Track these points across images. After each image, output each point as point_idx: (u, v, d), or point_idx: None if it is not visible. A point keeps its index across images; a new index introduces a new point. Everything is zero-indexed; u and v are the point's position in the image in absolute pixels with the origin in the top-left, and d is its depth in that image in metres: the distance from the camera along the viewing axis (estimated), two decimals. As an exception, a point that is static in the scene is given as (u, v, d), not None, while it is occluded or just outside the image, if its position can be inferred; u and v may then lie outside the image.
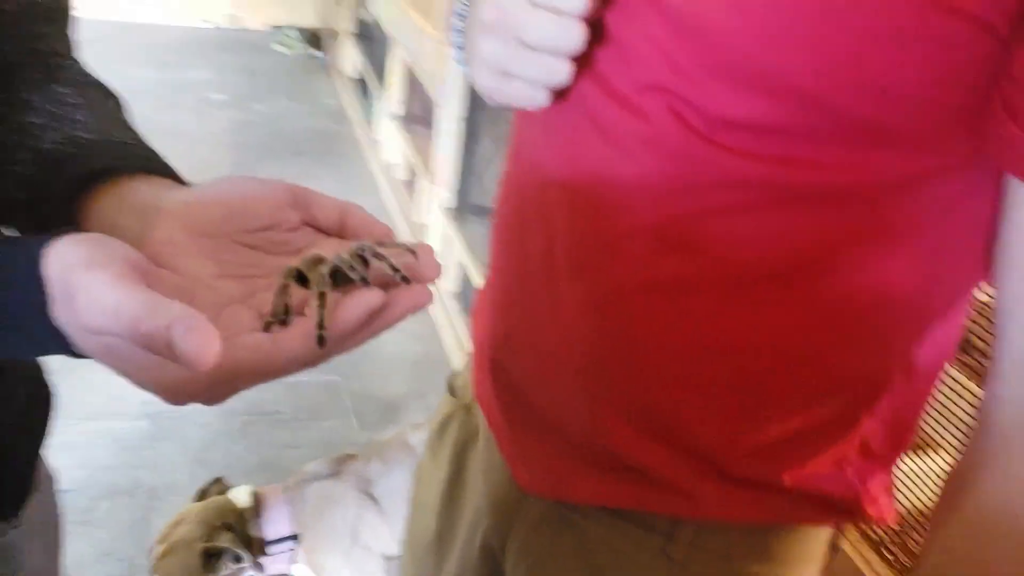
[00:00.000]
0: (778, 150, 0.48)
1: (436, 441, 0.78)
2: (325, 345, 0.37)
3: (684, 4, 0.47)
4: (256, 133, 3.67)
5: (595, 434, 0.60)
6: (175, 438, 1.92)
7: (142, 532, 1.67)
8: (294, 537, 1.43)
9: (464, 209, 2.49)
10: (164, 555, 1.35)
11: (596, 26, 0.50)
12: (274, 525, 1.43)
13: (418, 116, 3.08)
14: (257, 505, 1.44)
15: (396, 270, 0.39)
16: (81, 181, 0.46)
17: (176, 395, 0.38)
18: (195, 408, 1.57)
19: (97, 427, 1.91)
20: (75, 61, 0.58)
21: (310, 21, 5.16)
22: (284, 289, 0.39)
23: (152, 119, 3.62)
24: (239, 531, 1.39)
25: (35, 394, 0.70)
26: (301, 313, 0.40)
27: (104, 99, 0.55)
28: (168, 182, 0.48)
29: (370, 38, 3.78)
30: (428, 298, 0.40)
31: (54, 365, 0.76)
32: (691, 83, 0.48)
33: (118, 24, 4.71)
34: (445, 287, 2.46)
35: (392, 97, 3.18)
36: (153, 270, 0.39)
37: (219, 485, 1.51)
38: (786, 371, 0.55)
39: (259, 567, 1.41)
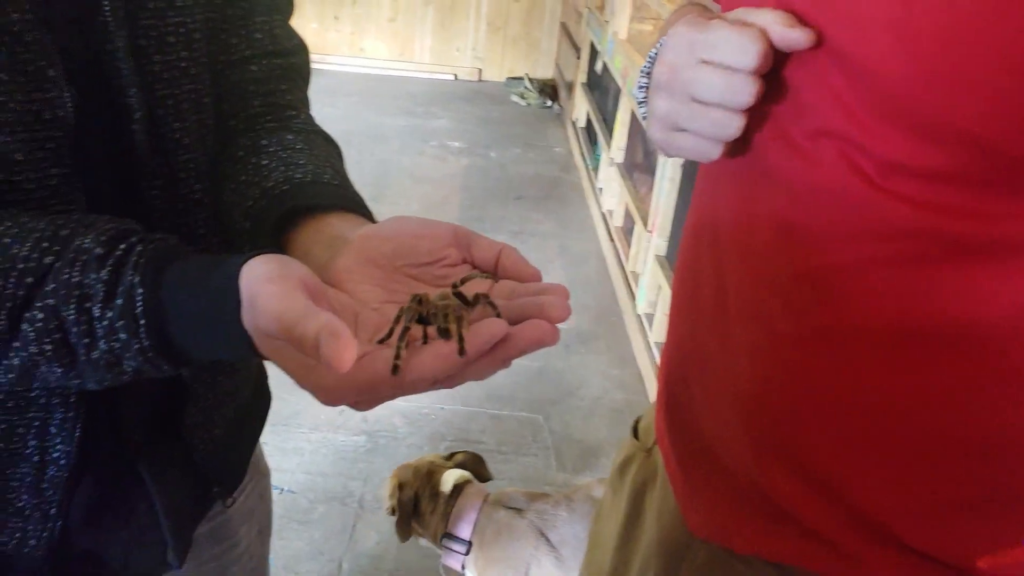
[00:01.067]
0: (949, 198, 0.45)
1: (617, 481, 0.78)
2: (465, 355, 0.40)
3: (857, 49, 0.45)
4: (486, 177, 3.89)
5: (759, 482, 0.58)
6: (387, 455, 2.05)
7: (350, 537, 1.80)
8: (469, 544, 1.50)
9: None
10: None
11: (767, 74, 0.49)
12: (460, 523, 1.51)
13: (640, 164, 3.10)
14: (454, 496, 1.53)
15: (494, 305, 0.44)
16: (289, 215, 0.53)
17: (329, 396, 0.42)
18: (407, 431, 1.68)
19: (321, 438, 2.09)
20: (306, 113, 0.67)
21: (547, 73, 5.41)
22: (403, 315, 0.43)
23: (396, 162, 3.92)
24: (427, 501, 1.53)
25: (256, 394, 0.79)
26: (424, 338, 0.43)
27: (324, 146, 0.63)
28: (358, 219, 0.54)
29: (601, 89, 3.89)
30: (553, 335, 0.42)
31: (288, 379, 0.85)
32: (864, 129, 0.46)
33: (376, 77, 5.25)
34: (652, 338, 2.42)
35: (615, 145, 3.23)
36: (324, 289, 0.44)
37: (434, 465, 1.61)
38: (957, 431, 0.50)
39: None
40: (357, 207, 0.55)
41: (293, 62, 0.67)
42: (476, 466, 1.62)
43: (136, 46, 0.54)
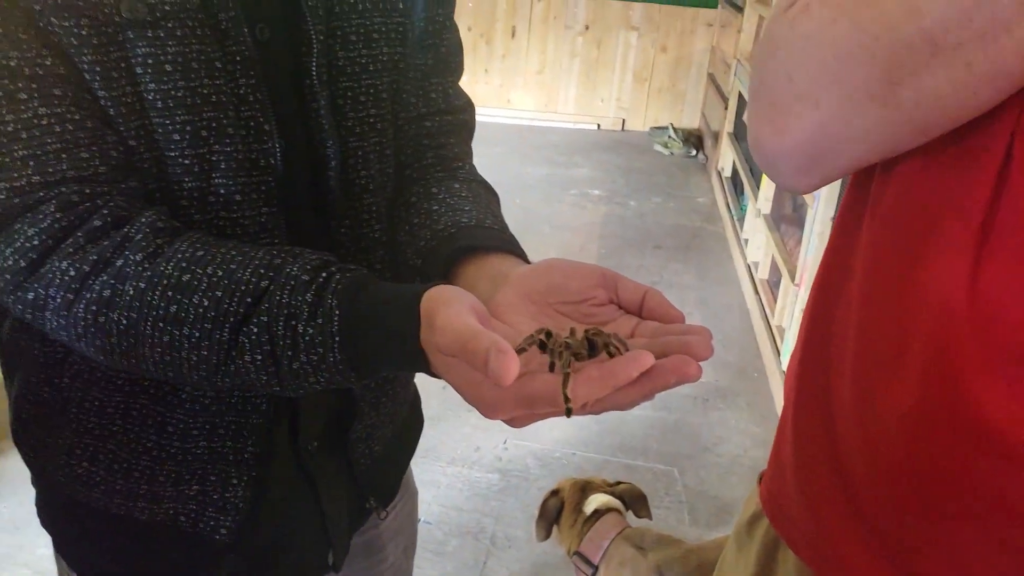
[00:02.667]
0: None
1: (744, 536, 0.75)
2: (568, 406, 0.43)
3: None
4: (625, 226, 3.91)
5: (883, 552, 0.55)
6: (518, 495, 2.08)
7: (480, 573, 1.83)
8: (595, 568, 1.52)
9: (827, 313, 2.36)
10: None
11: None
12: (592, 546, 1.53)
13: (788, 216, 3.02)
14: (593, 519, 1.56)
15: (612, 353, 0.46)
16: (457, 254, 0.60)
17: (491, 409, 0.47)
18: (539, 472, 1.71)
19: (457, 472, 2.15)
20: (470, 164, 0.75)
21: (692, 123, 5.40)
22: (532, 339, 0.47)
23: (537, 210, 4.00)
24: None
25: (412, 416, 0.85)
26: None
27: (485, 194, 0.71)
28: (515, 259, 0.59)
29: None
30: (696, 371, 0.44)
31: (431, 412, 0.91)
32: None
33: (522, 127, 5.42)
34: (797, 392, 2.33)
35: (763, 195, 3.17)
36: (489, 318, 0.49)
37: (592, 484, 1.66)
38: None
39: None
40: (515, 249, 0.61)
41: (462, 119, 0.74)
42: (635, 502, 1.64)
43: (335, 104, 0.62)
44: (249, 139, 0.57)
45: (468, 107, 0.76)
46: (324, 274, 0.52)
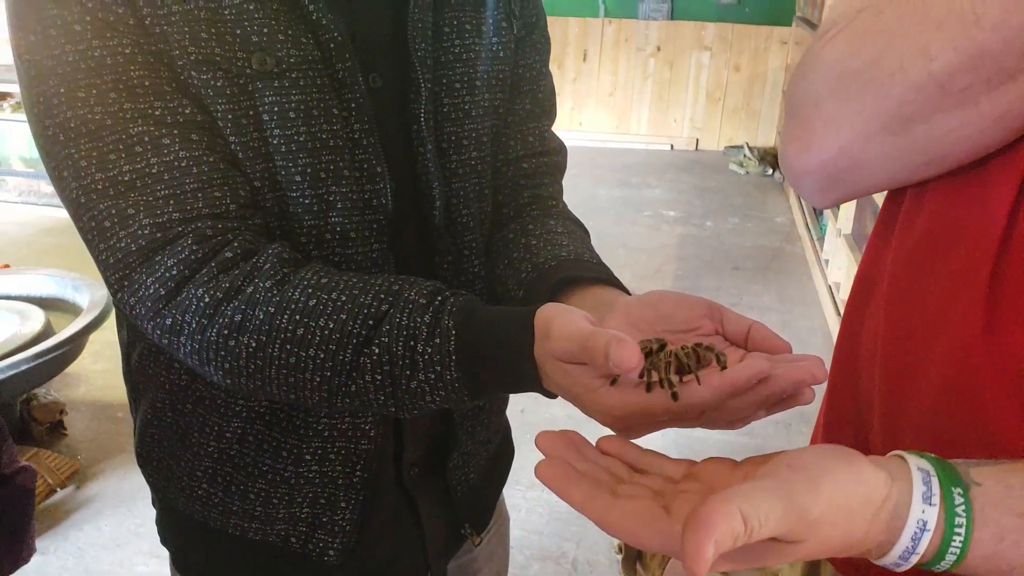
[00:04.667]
0: None
1: None
2: (677, 399, 0.46)
3: None
4: (702, 248, 3.87)
5: None
6: (599, 520, 2.07)
7: (561, 599, 1.83)
8: None
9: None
10: None
11: None
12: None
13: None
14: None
15: (723, 364, 0.47)
16: (560, 285, 0.62)
17: (609, 417, 0.48)
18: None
19: (537, 496, 2.15)
20: (563, 203, 0.78)
21: (767, 141, 5.32)
22: (648, 343, 0.48)
23: (611, 232, 3.99)
24: None
25: (504, 443, 0.87)
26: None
27: (578, 230, 0.74)
28: (615, 290, 0.62)
29: (826, 158, 3.76)
30: (815, 378, 0.45)
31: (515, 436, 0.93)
32: None
33: (594, 149, 5.44)
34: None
35: (843, 214, 3.10)
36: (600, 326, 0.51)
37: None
38: None
39: None
40: (615, 281, 0.63)
41: (556, 160, 0.77)
42: None
43: (440, 148, 0.66)
44: (363, 180, 0.61)
45: (561, 149, 0.79)
46: (439, 298, 0.56)
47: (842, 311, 2.70)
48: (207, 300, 0.55)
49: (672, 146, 5.51)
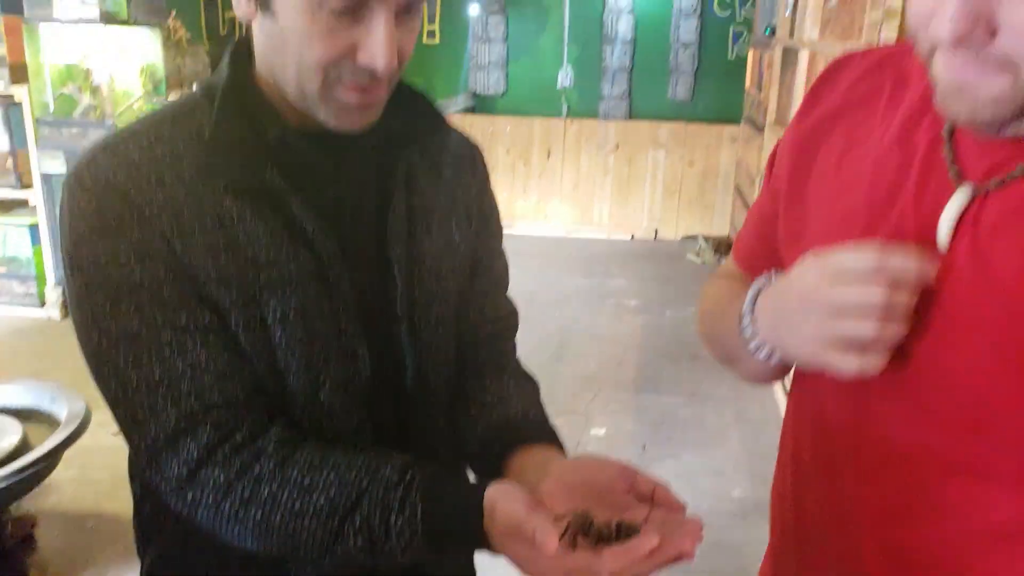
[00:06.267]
0: None
1: None
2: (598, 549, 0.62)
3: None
4: (661, 337, 4.03)
5: None
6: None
7: None
8: None
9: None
10: None
11: None
12: None
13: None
14: None
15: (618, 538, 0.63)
16: (508, 447, 0.77)
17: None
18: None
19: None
20: (515, 359, 0.92)
21: (722, 231, 5.58)
22: (577, 520, 0.64)
23: (576, 320, 4.08)
24: None
25: (466, 572, 0.98)
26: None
27: (527, 384, 0.88)
28: (556, 451, 0.77)
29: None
30: (688, 549, 0.61)
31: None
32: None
33: (560, 239, 5.65)
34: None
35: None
36: (536, 504, 0.66)
37: None
38: None
39: None
40: (555, 439, 0.78)
41: (509, 323, 0.92)
42: None
43: (412, 328, 0.79)
44: (347, 362, 0.74)
45: (513, 313, 0.93)
46: (408, 475, 0.69)
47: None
48: (222, 479, 0.68)
49: (633, 236, 5.75)
